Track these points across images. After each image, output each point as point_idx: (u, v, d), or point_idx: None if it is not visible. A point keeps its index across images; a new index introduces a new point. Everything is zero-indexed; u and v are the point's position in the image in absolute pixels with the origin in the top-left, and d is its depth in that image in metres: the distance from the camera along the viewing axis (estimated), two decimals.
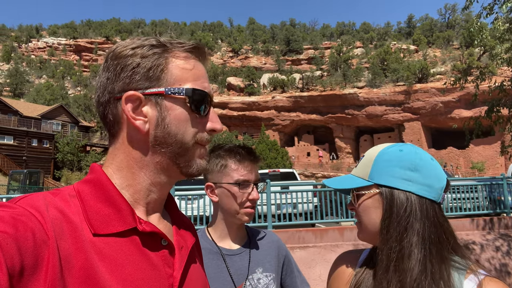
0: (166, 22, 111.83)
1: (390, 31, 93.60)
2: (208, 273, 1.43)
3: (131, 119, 0.78)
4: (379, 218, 1.03)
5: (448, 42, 74.15)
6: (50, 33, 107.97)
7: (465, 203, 10.03)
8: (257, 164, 1.59)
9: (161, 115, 0.79)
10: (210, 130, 0.82)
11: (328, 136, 63.12)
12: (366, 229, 1.06)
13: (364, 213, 1.06)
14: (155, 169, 0.81)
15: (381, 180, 1.04)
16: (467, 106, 48.23)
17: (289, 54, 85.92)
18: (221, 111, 64.98)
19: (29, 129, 40.59)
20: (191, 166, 0.81)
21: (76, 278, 0.63)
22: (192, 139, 0.80)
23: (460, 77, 11.00)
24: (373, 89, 56.96)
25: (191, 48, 0.84)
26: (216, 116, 0.83)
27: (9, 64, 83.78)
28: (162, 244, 0.80)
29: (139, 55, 0.79)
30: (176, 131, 0.79)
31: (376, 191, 1.04)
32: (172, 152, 0.80)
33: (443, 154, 51.47)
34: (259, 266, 1.55)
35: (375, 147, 1.14)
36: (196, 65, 0.83)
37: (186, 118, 0.80)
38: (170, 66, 0.80)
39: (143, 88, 0.78)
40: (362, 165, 1.11)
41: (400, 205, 1.00)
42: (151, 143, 0.80)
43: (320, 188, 10.16)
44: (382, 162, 1.06)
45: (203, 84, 0.82)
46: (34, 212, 0.63)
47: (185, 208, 8.78)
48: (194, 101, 0.79)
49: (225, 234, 1.56)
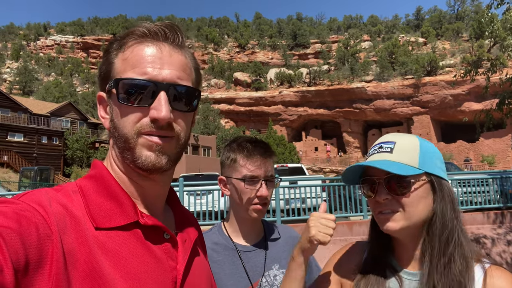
0: (172, 18, 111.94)
1: (398, 23, 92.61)
2: (224, 269, 1.42)
3: (100, 118, 0.83)
4: (427, 208, 1.01)
5: (457, 34, 73.16)
6: (58, 31, 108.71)
7: (476, 197, 9.92)
8: (269, 159, 1.51)
9: (111, 111, 0.80)
10: (152, 120, 0.75)
11: (336, 131, 62.88)
12: (412, 219, 1.00)
13: (414, 202, 1.00)
14: (124, 164, 0.80)
15: (432, 170, 1.02)
16: (477, 99, 47.64)
17: (296, 49, 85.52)
18: (228, 106, 65.01)
19: (38, 127, 40.95)
20: (137, 158, 0.76)
21: (80, 271, 0.63)
22: (131, 130, 0.76)
23: (470, 69, 10.85)
24: (381, 83, 56.52)
25: (141, 33, 0.79)
26: (160, 103, 0.74)
27: (18, 62, 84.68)
28: (164, 238, 0.80)
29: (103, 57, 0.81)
30: (118, 124, 0.77)
31: (426, 180, 1.02)
32: (119, 147, 0.79)
33: (452, 148, 50.98)
34: (275, 263, 1.50)
35: (400, 134, 1.09)
36: (137, 50, 0.77)
37: (121, 110, 0.77)
38: (116, 61, 0.78)
39: (103, 88, 0.81)
40: (404, 152, 1.03)
41: (450, 195, 1.02)
42: (113, 140, 0.81)
43: (329, 183, 10.13)
44: (427, 153, 1.04)
45: (142, 70, 0.75)
46: (37, 207, 0.63)
47: (194, 203, 8.81)
48: (123, 91, 0.75)
49: (239, 229, 1.53)
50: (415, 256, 1.05)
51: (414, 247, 1.05)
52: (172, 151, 0.80)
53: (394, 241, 1.10)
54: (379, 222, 1.05)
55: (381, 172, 1.03)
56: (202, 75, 0.96)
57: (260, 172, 1.46)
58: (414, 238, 1.04)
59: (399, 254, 1.10)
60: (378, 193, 1.03)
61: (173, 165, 0.82)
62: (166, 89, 0.76)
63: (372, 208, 1.08)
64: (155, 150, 0.76)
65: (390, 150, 1.05)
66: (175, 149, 0.80)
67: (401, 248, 1.09)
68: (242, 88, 69.65)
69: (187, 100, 0.81)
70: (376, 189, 1.04)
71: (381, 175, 1.03)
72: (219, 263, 1.43)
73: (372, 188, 1.05)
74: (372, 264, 1.10)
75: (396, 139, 1.07)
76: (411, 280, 1.03)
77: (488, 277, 0.96)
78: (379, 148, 1.08)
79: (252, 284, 1.43)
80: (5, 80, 77.50)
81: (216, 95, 66.63)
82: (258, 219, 1.52)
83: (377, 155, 1.07)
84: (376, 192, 1.04)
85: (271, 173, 1.51)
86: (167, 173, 0.84)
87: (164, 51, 0.78)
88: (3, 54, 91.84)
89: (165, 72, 0.77)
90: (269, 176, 1.49)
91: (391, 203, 1.01)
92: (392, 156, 1.04)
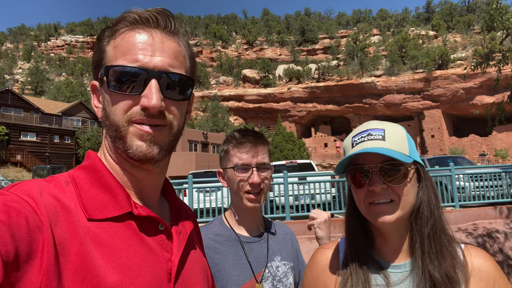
0: (180, 17, 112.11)
1: (408, 17, 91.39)
2: (227, 260, 1.43)
3: (93, 107, 0.82)
4: (415, 196, 1.00)
5: (468, 26, 71.93)
6: (68, 31, 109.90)
7: (488, 191, 9.78)
8: (260, 146, 1.49)
9: (103, 99, 0.78)
10: (143, 108, 0.73)
11: (345, 127, 62.46)
12: (405, 208, 0.98)
13: (409, 190, 0.98)
14: (117, 154, 0.79)
15: (417, 157, 1.02)
16: (490, 92, 46.84)
17: (304, 44, 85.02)
18: (237, 103, 65.02)
19: (50, 126, 41.57)
20: (128, 148, 0.74)
21: (71, 263, 0.62)
22: (122, 118, 0.74)
23: (482, 61, 10.67)
24: (391, 77, 55.93)
25: (132, 20, 0.77)
26: (151, 91, 0.73)
27: (30, 63, 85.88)
28: (159, 229, 0.79)
29: (96, 45, 0.80)
30: (109, 112, 0.76)
31: (414, 168, 1.01)
32: (111, 136, 0.78)
33: (464, 142, 50.26)
34: (277, 255, 1.52)
35: (383, 122, 1.06)
36: (128, 37, 0.75)
37: (112, 98, 0.75)
38: (108, 48, 0.77)
39: (96, 77, 0.80)
40: (396, 140, 1.00)
41: (432, 183, 1.04)
42: (105, 129, 0.80)
43: (338, 179, 10.08)
44: (411, 141, 1.04)
45: (133, 57, 0.74)
46: (27, 198, 0.62)
47: (203, 200, 8.86)
48: (113, 79, 0.74)
49: (238, 219, 1.54)
50: (398, 247, 1.02)
51: (398, 239, 1.02)
52: (165, 140, 0.78)
53: (376, 234, 1.06)
54: (370, 213, 0.99)
55: (375, 160, 0.98)
56: (197, 62, 0.91)
57: (250, 159, 1.46)
58: (400, 229, 1.01)
59: (380, 247, 1.06)
60: (373, 182, 0.97)
61: (166, 155, 0.80)
62: (157, 77, 0.74)
63: (361, 199, 1.01)
64: (146, 140, 0.74)
65: (381, 137, 0.99)
66: (168, 138, 0.78)
67: (383, 241, 1.05)
68: (250, 85, 69.58)
69: (180, 89, 0.78)
70: (369, 178, 0.98)
71: (374, 162, 0.97)
72: (222, 253, 1.44)
73: (362, 178, 0.99)
74: (354, 262, 1.04)
75: (383, 126, 1.03)
76: (397, 273, 1.00)
77: (467, 256, 0.98)
78: (368, 136, 1.01)
79: (255, 274, 1.43)
80: (17, 80, 78.71)
81: (225, 92, 66.69)
82: (256, 209, 1.51)
83: (368, 142, 1.00)
84: (369, 181, 0.98)
85: (264, 161, 1.49)
86: (161, 163, 0.82)
87: (156, 38, 0.76)
88: (15, 55, 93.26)
89: (157, 59, 0.74)
90: (260, 164, 1.47)
91: (387, 192, 0.97)
92: (386, 143, 0.98)
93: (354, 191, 1.04)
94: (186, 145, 35.53)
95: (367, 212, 1.00)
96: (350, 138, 1.06)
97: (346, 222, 1.11)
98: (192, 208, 8.18)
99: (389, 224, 0.98)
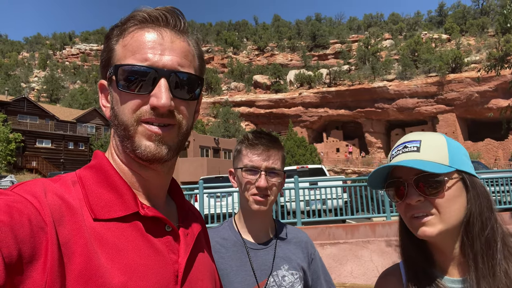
0: (192, 24, 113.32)
1: (420, 20, 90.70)
2: (231, 265, 1.39)
3: (101, 107, 0.82)
4: (463, 208, 0.94)
5: (482, 29, 70.97)
6: (82, 39, 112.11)
7: (505, 196, 9.57)
8: (273, 150, 1.45)
9: (112, 98, 0.78)
10: (152, 107, 0.73)
11: (357, 131, 62.04)
12: (449, 221, 0.93)
13: (450, 202, 0.93)
14: (124, 153, 0.78)
15: (463, 166, 0.96)
16: (505, 95, 45.99)
17: (315, 50, 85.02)
18: (248, 109, 65.20)
19: (65, 133, 42.32)
20: (137, 147, 0.74)
21: (76, 264, 0.61)
22: (131, 118, 0.73)
23: (496, 63, 10.48)
24: (404, 81, 55.43)
25: (141, 19, 0.76)
26: (161, 90, 0.72)
27: (45, 71, 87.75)
28: (166, 230, 0.78)
29: (104, 44, 0.80)
30: (118, 111, 0.75)
31: (458, 178, 0.95)
32: (119, 135, 0.77)
33: (480, 147, 49.37)
34: (284, 263, 1.45)
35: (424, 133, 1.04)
36: (137, 36, 0.75)
37: (121, 97, 0.75)
38: (117, 47, 0.76)
39: (105, 76, 0.80)
40: (432, 150, 0.97)
41: (484, 193, 0.96)
42: (113, 129, 0.79)
43: (350, 184, 9.97)
44: (455, 149, 0.98)
45: (143, 56, 0.73)
46: (30, 198, 0.61)
47: (214, 205, 8.84)
48: (122, 78, 0.73)
49: (247, 223, 1.50)
50: (454, 261, 0.98)
51: (452, 252, 0.98)
52: (173, 140, 0.77)
53: (430, 246, 1.02)
54: (412, 227, 0.97)
55: (409, 173, 0.95)
56: (205, 62, 0.90)
57: (260, 162, 1.42)
58: (453, 242, 0.97)
59: (437, 260, 1.02)
60: (409, 195, 0.95)
61: (174, 155, 0.79)
62: (167, 76, 0.73)
63: (403, 213, 0.99)
64: (154, 140, 0.74)
65: (416, 149, 0.98)
66: (176, 137, 0.78)
67: (439, 254, 1.01)
68: (261, 91, 69.73)
69: (189, 88, 0.78)
70: (406, 192, 0.96)
71: (409, 175, 0.95)
72: (226, 258, 1.41)
73: (401, 191, 0.98)
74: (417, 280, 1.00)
75: (421, 137, 1.00)
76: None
77: None
78: (403, 148, 1.01)
79: (258, 283, 1.38)
80: (33, 88, 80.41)
81: (236, 98, 66.96)
82: (262, 213, 1.45)
83: (403, 155, 0.99)
84: (406, 194, 0.96)
85: (275, 166, 1.44)
86: (169, 163, 0.81)
87: (165, 36, 0.75)
88: (31, 64, 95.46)
89: (166, 58, 0.74)
90: (270, 168, 1.43)
91: (425, 205, 0.94)
92: (420, 155, 0.96)
93: (396, 205, 1.02)
94: (198, 151, 35.73)
95: (410, 225, 0.98)
96: (390, 152, 1.07)
97: (400, 242, 1.08)
98: (202, 214, 8.17)
99: (432, 238, 0.94)
